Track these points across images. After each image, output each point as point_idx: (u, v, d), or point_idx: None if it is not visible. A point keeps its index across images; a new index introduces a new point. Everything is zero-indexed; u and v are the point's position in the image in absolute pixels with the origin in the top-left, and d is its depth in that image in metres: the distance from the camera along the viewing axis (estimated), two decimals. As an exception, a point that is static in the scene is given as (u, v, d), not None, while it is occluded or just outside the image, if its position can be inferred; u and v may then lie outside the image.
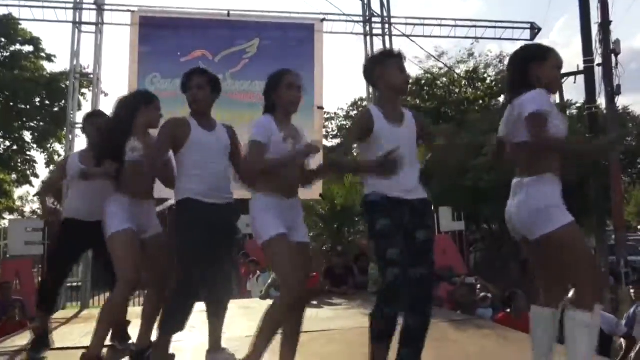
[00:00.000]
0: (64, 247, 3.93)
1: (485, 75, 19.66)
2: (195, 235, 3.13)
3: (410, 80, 17.78)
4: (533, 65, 2.71)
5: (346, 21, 8.80)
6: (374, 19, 9.02)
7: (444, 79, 19.87)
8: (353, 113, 24.15)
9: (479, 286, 8.12)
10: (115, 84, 38.19)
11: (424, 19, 9.03)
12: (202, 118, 3.33)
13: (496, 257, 13.40)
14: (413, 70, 19.70)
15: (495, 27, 9.33)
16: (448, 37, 9.31)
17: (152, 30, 7.91)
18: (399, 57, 2.97)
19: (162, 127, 3.33)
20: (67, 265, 4.05)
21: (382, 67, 2.92)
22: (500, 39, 9.50)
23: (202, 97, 3.33)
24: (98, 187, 3.57)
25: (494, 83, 19.10)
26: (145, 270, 3.46)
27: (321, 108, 8.19)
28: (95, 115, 4.28)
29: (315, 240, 12.12)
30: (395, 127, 2.87)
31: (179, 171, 3.29)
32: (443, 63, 18.15)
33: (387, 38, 8.88)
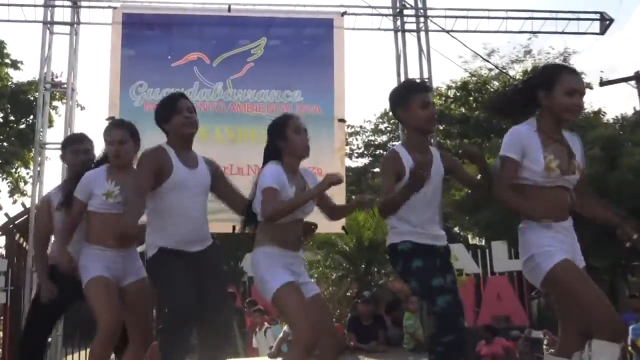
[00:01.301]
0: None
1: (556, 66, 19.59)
2: (178, 282, 3.30)
3: (456, 84, 17.84)
4: (542, 91, 3.09)
5: (372, 14, 8.90)
6: (406, 12, 9.10)
7: (496, 83, 19.89)
8: (383, 126, 24.27)
9: (545, 342, 8.00)
10: (94, 95, 38.91)
11: (468, 10, 9.10)
12: (181, 150, 3.55)
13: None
14: (457, 72, 19.83)
15: (556, 19, 9.35)
16: (498, 31, 9.35)
17: (138, 30, 8.10)
18: (423, 91, 3.42)
19: (143, 159, 3.50)
20: (56, 318, 4.30)
21: (404, 107, 3.39)
22: (562, 32, 9.51)
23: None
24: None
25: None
26: (127, 321, 3.63)
27: (343, 121, 8.26)
28: (76, 140, 4.41)
29: (337, 284, 12.16)
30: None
31: (152, 218, 3.49)
32: (493, 64, 18.20)
33: (422, 34, 8.94)
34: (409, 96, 3.40)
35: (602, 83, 16.58)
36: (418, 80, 3.64)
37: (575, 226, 3.11)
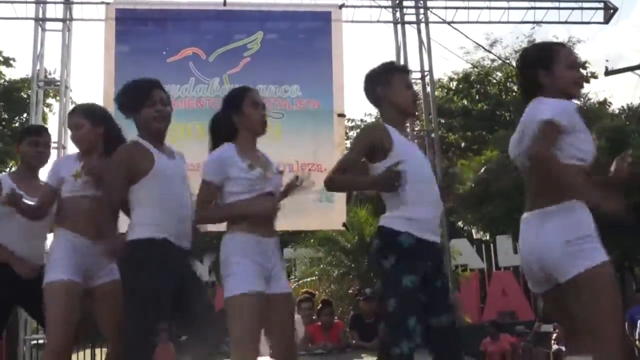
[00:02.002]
0: None
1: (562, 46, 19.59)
2: (157, 282, 3.13)
3: (458, 76, 17.82)
4: (541, 70, 2.89)
5: (371, 7, 8.92)
6: (405, 3, 9.12)
7: (498, 74, 19.90)
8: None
9: (554, 336, 8.01)
10: (88, 92, 38.91)
11: (469, 0, 9.12)
12: (156, 143, 3.40)
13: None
14: (459, 64, 19.82)
15: (559, 8, 9.37)
16: (499, 22, 9.36)
17: (132, 26, 8.12)
18: (405, 72, 3.30)
19: (116, 155, 3.38)
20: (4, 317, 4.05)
21: (387, 86, 3.20)
22: (565, 22, 9.52)
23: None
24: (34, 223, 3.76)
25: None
26: (101, 325, 3.61)
27: (342, 115, 8.27)
28: (35, 132, 4.30)
29: (339, 282, 12.16)
30: (412, 147, 3.14)
31: (136, 204, 3.33)
32: (495, 55, 18.19)
33: (422, 26, 8.97)
34: (391, 74, 3.25)
35: (608, 72, 16.53)
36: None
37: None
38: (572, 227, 2.65)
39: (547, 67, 2.90)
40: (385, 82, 3.23)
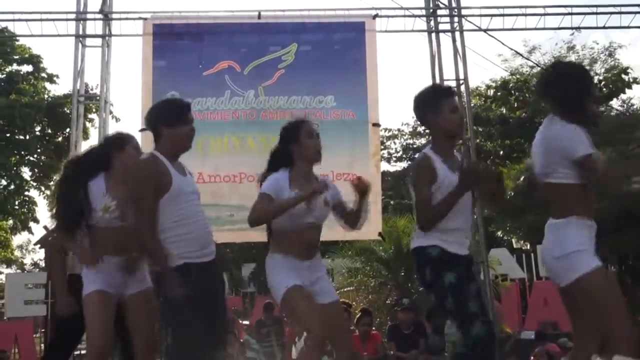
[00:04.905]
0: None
1: (592, 74, 19.32)
2: (195, 308, 3.23)
3: (496, 84, 17.72)
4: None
5: (405, 16, 8.88)
6: (439, 12, 9.06)
7: (537, 81, 19.63)
8: (421, 128, 24.11)
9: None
10: (129, 106, 39.68)
11: (504, 7, 9.00)
12: (173, 159, 3.46)
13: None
14: (497, 71, 19.64)
15: (596, 14, 9.19)
16: (535, 29, 9.22)
17: (168, 41, 8.24)
18: (451, 95, 3.47)
19: (140, 171, 3.39)
20: (79, 334, 4.20)
21: (435, 112, 3.40)
22: (604, 27, 9.34)
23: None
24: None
25: (602, 83, 18.72)
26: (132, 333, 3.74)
27: (377, 125, 8.24)
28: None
29: (376, 292, 12.12)
30: (454, 175, 3.28)
31: (165, 230, 3.33)
32: (534, 62, 17.96)
33: (457, 34, 8.90)
34: (439, 101, 3.42)
35: (650, 78, 16.22)
36: (443, 85, 3.69)
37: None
38: (561, 244, 2.99)
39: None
40: (433, 108, 3.41)
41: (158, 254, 3.28)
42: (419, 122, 3.74)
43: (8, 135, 17.19)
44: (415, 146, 24.37)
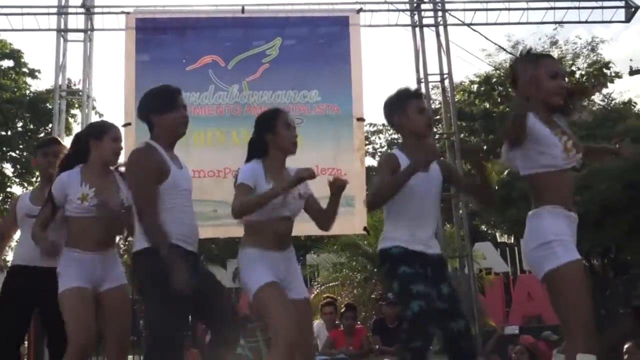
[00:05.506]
0: (10, 299, 4.14)
1: (574, 68, 19.46)
2: (177, 309, 3.18)
3: (480, 79, 17.81)
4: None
5: (388, 10, 8.89)
6: (423, 6, 9.09)
7: (521, 76, 19.70)
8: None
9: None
10: (111, 101, 39.39)
11: (487, 2, 9.02)
12: (169, 149, 3.46)
13: (599, 301, 13.06)
14: (481, 66, 19.70)
15: (579, 8, 9.24)
16: (519, 23, 9.26)
17: (151, 35, 8.17)
18: (418, 97, 3.55)
19: (140, 161, 3.35)
20: (15, 323, 4.15)
21: (401, 113, 3.50)
22: (586, 22, 9.40)
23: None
24: (51, 228, 3.82)
25: (585, 77, 18.86)
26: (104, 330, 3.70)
27: (362, 120, 8.23)
28: (47, 144, 4.47)
29: (361, 287, 12.14)
30: (423, 173, 3.30)
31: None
32: (517, 56, 18.03)
33: (441, 29, 8.92)
34: (405, 102, 3.50)
35: (632, 72, 16.36)
36: (410, 88, 3.73)
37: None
38: (536, 235, 2.94)
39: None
40: (400, 110, 3.51)
41: (162, 239, 3.23)
42: (391, 128, 3.79)
43: (-11, 130, 17.06)
44: (399, 141, 24.40)
